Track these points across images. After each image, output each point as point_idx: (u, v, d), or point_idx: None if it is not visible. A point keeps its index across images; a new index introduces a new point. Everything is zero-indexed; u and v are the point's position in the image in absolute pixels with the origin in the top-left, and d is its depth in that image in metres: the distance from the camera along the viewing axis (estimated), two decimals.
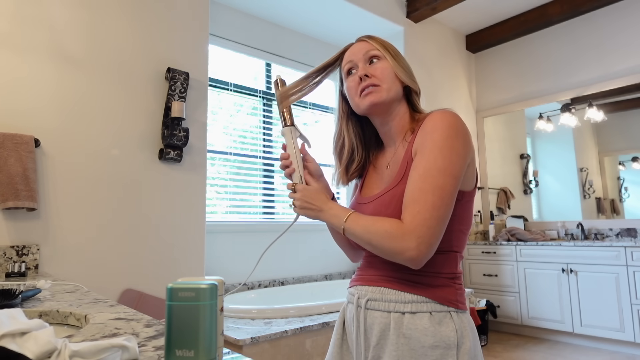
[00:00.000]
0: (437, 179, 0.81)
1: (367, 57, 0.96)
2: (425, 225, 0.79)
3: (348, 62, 0.98)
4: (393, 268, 0.90)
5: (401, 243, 0.80)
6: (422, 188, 0.82)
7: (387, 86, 0.93)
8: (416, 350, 0.83)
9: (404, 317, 0.86)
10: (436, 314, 0.85)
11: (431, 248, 0.80)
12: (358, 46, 0.98)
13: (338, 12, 3.57)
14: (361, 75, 0.94)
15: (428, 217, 0.80)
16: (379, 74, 0.94)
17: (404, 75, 0.95)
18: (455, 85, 4.56)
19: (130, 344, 0.53)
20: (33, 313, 0.89)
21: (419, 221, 0.80)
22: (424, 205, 0.80)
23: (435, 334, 0.83)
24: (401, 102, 0.98)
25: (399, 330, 0.86)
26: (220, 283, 0.61)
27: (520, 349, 3.40)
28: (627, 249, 3.20)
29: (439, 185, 0.81)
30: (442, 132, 0.84)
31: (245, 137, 3.44)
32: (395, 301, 0.88)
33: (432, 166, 0.82)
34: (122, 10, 2.34)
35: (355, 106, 0.97)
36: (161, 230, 2.38)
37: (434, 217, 0.80)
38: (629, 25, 3.79)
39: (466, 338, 0.85)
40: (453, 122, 0.86)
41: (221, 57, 3.34)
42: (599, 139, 4.00)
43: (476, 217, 4.53)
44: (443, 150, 0.83)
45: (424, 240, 0.79)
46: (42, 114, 2.05)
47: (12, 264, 1.76)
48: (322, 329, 2.29)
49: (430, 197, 0.80)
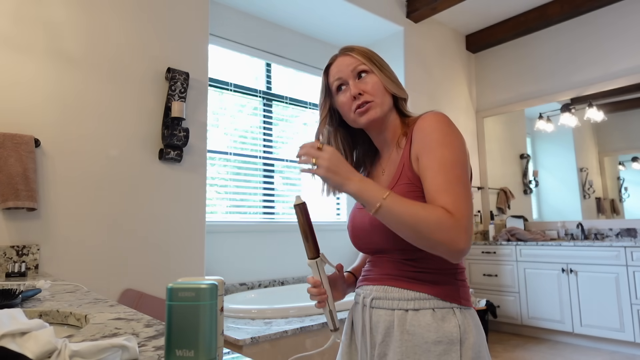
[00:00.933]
0: (455, 171, 0.83)
1: (355, 73, 0.98)
2: (467, 216, 0.80)
3: (337, 78, 0.99)
4: (396, 266, 0.92)
5: (452, 234, 0.77)
6: (448, 180, 0.82)
7: (380, 100, 0.96)
8: (420, 346, 0.84)
9: (407, 314, 0.88)
10: (439, 311, 0.87)
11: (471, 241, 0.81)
12: (343, 61, 0.99)
13: (338, 12, 3.56)
14: (354, 94, 0.95)
15: (467, 207, 0.80)
16: (370, 89, 0.96)
17: (392, 86, 0.98)
18: (455, 85, 4.56)
19: (130, 344, 0.53)
20: (33, 313, 0.89)
21: (462, 212, 0.79)
22: (459, 197, 0.80)
23: (438, 330, 0.84)
24: (392, 111, 1.00)
25: (403, 327, 0.87)
26: (220, 283, 0.61)
27: (520, 349, 3.40)
28: (627, 249, 3.20)
29: (459, 177, 0.83)
30: (440, 131, 0.88)
31: (245, 137, 3.45)
32: (399, 299, 0.89)
33: (444, 160, 0.84)
34: (122, 10, 2.34)
35: (352, 122, 1.00)
36: (161, 230, 2.38)
37: (470, 208, 0.81)
38: (628, 25, 3.79)
39: (470, 334, 0.86)
40: (447, 121, 0.90)
41: (221, 57, 3.34)
42: (599, 139, 4.00)
43: (476, 217, 4.52)
44: (447, 146, 0.86)
45: (469, 234, 0.79)
46: (42, 114, 2.05)
47: (12, 264, 1.76)
48: (322, 329, 2.29)
49: (458, 189, 0.82)
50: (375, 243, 0.95)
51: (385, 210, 0.81)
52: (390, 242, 0.91)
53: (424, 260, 0.89)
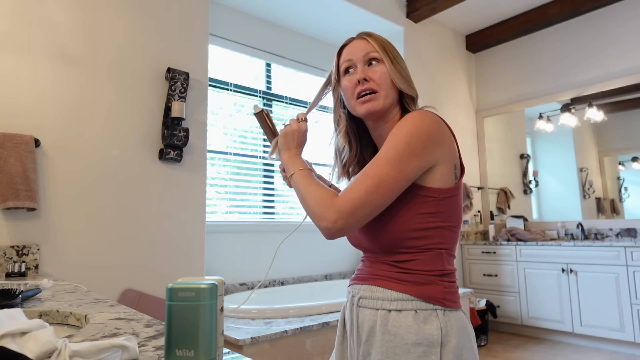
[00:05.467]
0: (381, 168, 0.84)
1: (367, 59, 0.96)
2: (350, 204, 0.83)
3: (347, 60, 0.98)
4: (381, 267, 0.92)
5: (324, 211, 0.84)
6: (365, 172, 0.86)
7: (385, 93, 0.94)
8: (400, 347, 0.85)
9: (389, 315, 0.88)
10: (421, 312, 0.86)
11: (348, 226, 0.83)
12: (358, 44, 0.98)
13: (338, 12, 3.57)
14: (360, 78, 0.94)
15: (356, 197, 0.83)
16: (377, 79, 0.94)
17: (400, 82, 0.95)
18: (455, 85, 4.56)
19: (130, 344, 0.53)
20: (33, 313, 0.89)
21: (345, 198, 0.84)
22: (359, 187, 0.84)
23: (418, 332, 0.84)
24: (395, 107, 0.98)
25: (385, 328, 0.87)
26: (220, 283, 0.61)
27: (520, 349, 3.40)
28: (627, 249, 3.20)
29: (379, 174, 0.84)
30: (404, 129, 0.87)
31: (245, 137, 3.45)
32: (383, 299, 0.89)
33: (382, 157, 0.86)
34: (122, 10, 2.34)
35: (351, 108, 0.98)
36: (161, 230, 2.38)
37: (362, 199, 0.83)
38: (629, 25, 3.79)
39: (452, 336, 0.85)
40: (418, 121, 0.87)
41: (221, 57, 3.34)
42: (599, 139, 4.00)
43: (476, 217, 4.53)
44: (397, 145, 0.85)
45: (342, 216, 0.82)
46: (42, 114, 2.05)
47: (12, 264, 1.76)
48: (322, 329, 2.29)
49: (367, 182, 0.84)
50: (362, 242, 0.97)
51: (293, 181, 0.95)
52: (374, 242, 0.92)
53: (408, 262, 0.89)
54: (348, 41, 1.01)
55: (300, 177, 0.94)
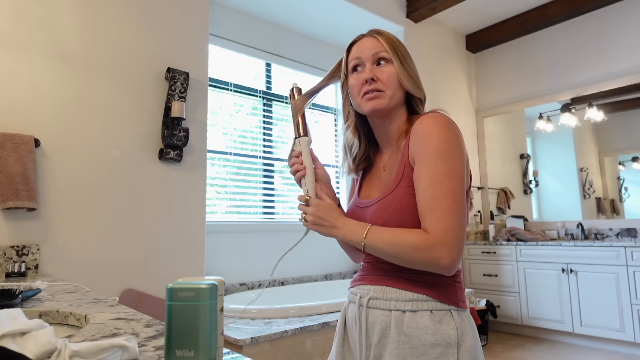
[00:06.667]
0: (445, 184, 0.83)
1: (376, 58, 0.95)
2: (449, 231, 0.81)
3: (355, 58, 0.97)
4: (394, 267, 0.91)
5: (431, 253, 0.81)
6: (434, 195, 0.83)
7: (391, 93, 0.93)
8: (417, 348, 0.84)
9: (404, 316, 0.87)
10: (437, 312, 0.86)
11: (461, 252, 0.82)
12: (367, 42, 0.96)
13: (338, 12, 3.56)
14: (367, 78, 0.93)
15: (449, 222, 0.81)
16: (384, 79, 0.93)
17: (408, 82, 0.94)
18: (455, 85, 4.56)
19: (130, 344, 0.53)
20: (33, 313, 0.89)
21: (442, 228, 0.81)
22: (442, 212, 0.82)
23: (435, 332, 0.84)
24: (401, 108, 0.98)
25: (400, 329, 0.86)
26: (220, 283, 0.61)
27: (520, 349, 3.40)
28: (627, 249, 3.20)
29: (448, 189, 0.82)
30: (438, 136, 0.85)
31: (245, 137, 3.45)
32: (396, 299, 0.88)
33: (435, 172, 0.84)
34: (122, 10, 2.34)
35: (357, 106, 0.98)
36: (161, 230, 2.38)
37: (455, 221, 0.81)
38: (629, 25, 3.79)
39: (467, 336, 0.86)
40: (446, 125, 0.87)
41: (221, 57, 3.34)
42: (599, 139, 4.00)
43: (476, 217, 4.53)
44: (442, 155, 0.84)
45: (453, 247, 0.81)
46: (42, 114, 2.05)
47: (12, 264, 1.76)
48: (322, 329, 2.29)
49: (445, 203, 0.82)
50: None
51: (369, 247, 0.88)
52: None
53: None
54: (358, 38, 1.00)
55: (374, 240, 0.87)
